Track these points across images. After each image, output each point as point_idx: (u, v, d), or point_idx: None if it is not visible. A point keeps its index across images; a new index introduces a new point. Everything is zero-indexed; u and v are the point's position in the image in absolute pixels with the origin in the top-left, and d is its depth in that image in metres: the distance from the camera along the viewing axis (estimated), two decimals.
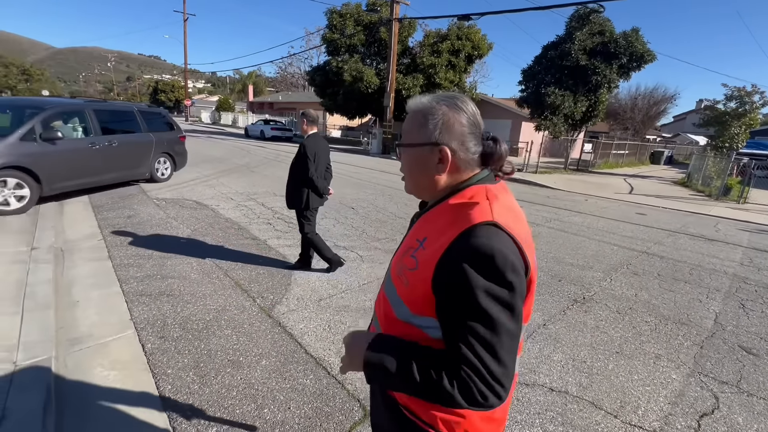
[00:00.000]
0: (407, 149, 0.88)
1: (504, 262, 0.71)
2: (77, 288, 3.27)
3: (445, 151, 0.82)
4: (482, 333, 0.70)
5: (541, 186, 12.05)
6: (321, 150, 3.55)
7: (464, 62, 21.64)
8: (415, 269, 0.80)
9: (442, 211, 0.84)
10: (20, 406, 1.88)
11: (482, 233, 0.73)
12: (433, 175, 0.85)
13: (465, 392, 0.69)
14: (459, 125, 0.82)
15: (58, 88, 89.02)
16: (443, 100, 0.84)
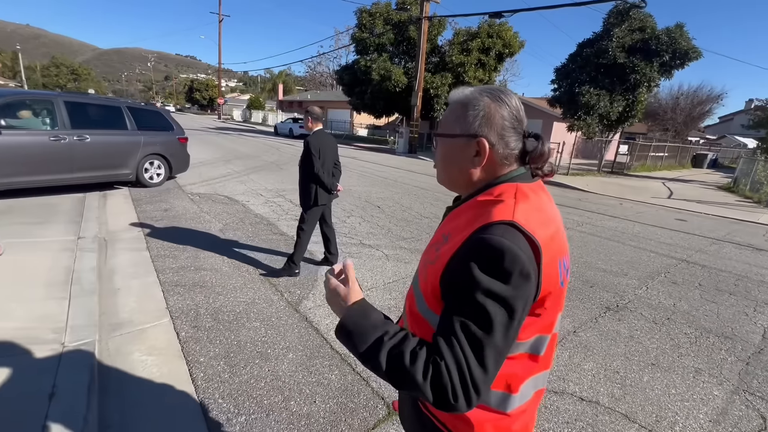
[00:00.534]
0: (444, 140, 0.86)
1: (512, 263, 0.67)
2: (118, 276, 3.46)
3: (483, 143, 0.79)
4: (473, 330, 0.67)
5: (573, 188, 11.65)
6: (327, 146, 3.54)
7: (494, 60, 21.22)
8: (434, 262, 0.78)
9: (469, 207, 0.82)
10: (68, 384, 2.01)
11: (496, 231, 0.69)
12: (468, 168, 0.83)
13: (436, 387, 0.66)
14: (500, 118, 0.79)
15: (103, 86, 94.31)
16: (486, 92, 0.81)
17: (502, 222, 0.71)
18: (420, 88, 18.68)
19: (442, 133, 0.86)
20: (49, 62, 66.71)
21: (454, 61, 20.44)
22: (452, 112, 0.84)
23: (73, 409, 1.85)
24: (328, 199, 3.70)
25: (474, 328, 0.67)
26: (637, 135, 25.65)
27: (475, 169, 0.82)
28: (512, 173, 0.82)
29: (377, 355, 0.70)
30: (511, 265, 0.67)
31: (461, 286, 0.70)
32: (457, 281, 0.71)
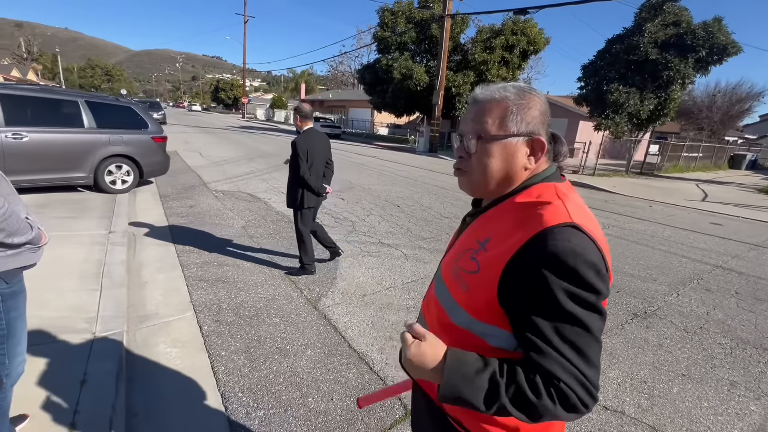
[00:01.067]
0: (493, 142, 0.78)
1: (588, 265, 0.66)
2: (146, 270, 3.58)
3: (542, 142, 0.77)
4: (573, 339, 0.66)
5: (599, 189, 11.28)
6: (316, 146, 3.43)
7: (518, 58, 20.79)
8: (476, 272, 0.75)
9: (507, 210, 0.78)
10: (97, 372, 2.10)
11: (562, 236, 0.67)
12: (519, 170, 0.79)
13: (567, 407, 0.65)
14: (546, 114, 0.79)
15: (134, 87, 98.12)
16: (530, 89, 0.80)
17: (564, 225, 0.68)
18: (442, 86, 18.52)
19: (495, 134, 0.77)
20: (85, 64, 70.01)
21: (477, 59, 20.15)
22: (499, 110, 0.78)
23: (102, 397, 1.92)
24: (317, 201, 3.60)
25: (574, 336, 0.66)
26: (669, 134, 24.56)
27: (528, 170, 0.79)
28: (546, 171, 0.81)
29: (498, 400, 0.65)
30: (588, 269, 0.66)
31: (545, 298, 0.66)
32: (536, 294, 0.67)
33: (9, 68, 41.32)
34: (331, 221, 5.62)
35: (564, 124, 23.43)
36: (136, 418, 1.94)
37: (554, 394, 0.64)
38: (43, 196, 5.45)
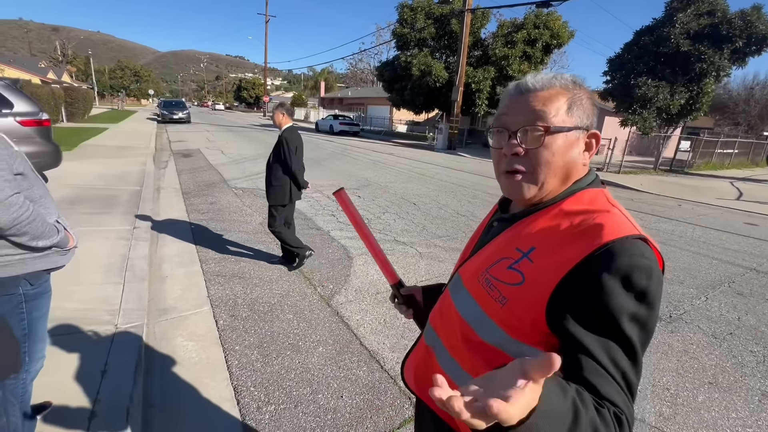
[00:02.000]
0: (556, 134, 0.69)
1: (658, 285, 0.60)
2: (166, 265, 3.69)
3: (599, 135, 0.73)
4: (624, 367, 0.59)
5: (625, 187, 10.88)
6: (300, 144, 3.48)
7: (541, 52, 20.26)
8: (520, 284, 0.66)
9: (555, 217, 0.70)
10: (118, 364, 2.17)
11: (636, 250, 0.60)
12: (578, 165, 0.72)
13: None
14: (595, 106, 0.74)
15: (161, 87, 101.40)
16: (578, 80, 0.74)
17: (635, 237, 0.62)
18: (461, 82, 18.27)
19: (562, 125, 0.69)
20: (115, 65, 72.82)
21: (498, 54, 19.76)
22: (560, 100, 0.70)
23: (121, 387, 1.99)
24: (298, 196, 3.67)
25: (625, 362, 0.59)
26: (702, 130, 23.41)
27: (580, 168, 0.73)
28: (590, 176, 0.75)
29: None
30: (657, 289, 0.60)
31: (609, 319, 0.59)
32: (599, 314, 0.59)
33: (46, 71, 43.46)
34: (346, 219, 5.63)
35: None
36: (153, 408, 2.00)
37: (616, 426, 0.55)
38: (74, 191, 5.70)
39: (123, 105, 46.08)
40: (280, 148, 3.40)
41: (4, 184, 1.20)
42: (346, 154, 14.14)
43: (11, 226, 1.21)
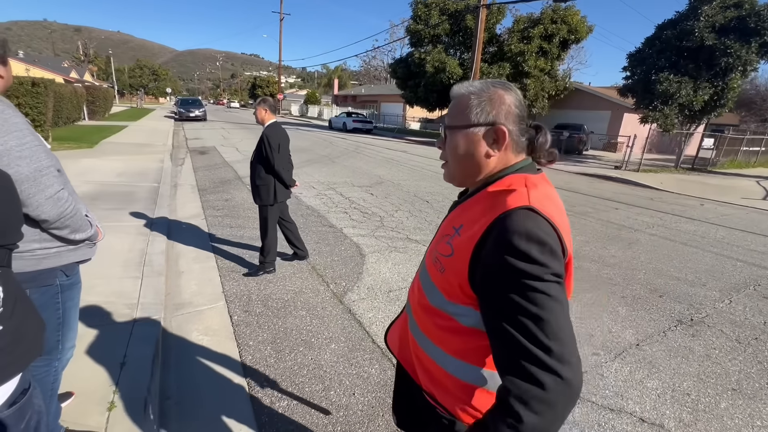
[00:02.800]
0: (458, 132, 0.84)
1: (541, 245, 0.68)
2: (183, 260, 3.76)
3: (503, 130, 0.80)
4: (525, 322, 0.66)
5: (644, 186, 10.60)
6: (284, 141, 3.34)
7: (558, 48, 19.84)
8: (451, 255, 0.80)
9: (480, 198, 0.83)
10: (136, 355, 2.23)
11: (518, 217, 0.71)
12: (484, 158, 0.83)
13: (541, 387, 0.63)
14: (513, 106, 0.82)
15: (178, 85, 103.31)
16: (496, 83, 0.84)
17: (521, 207, 0.72)
18: (475, 79, 18.05)
19: (458, 125, 0.84)
20: (134, 65, 74.46)
21: (513, 50, 19.43)
22: (463, 104, 0.83)
23: (138, 379, 2.04)
24: (287, 195, 3.54)
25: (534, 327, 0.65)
26: (727, 127, 22.58)
27: (492, 158, 0.83)
28: (520, 164, 0.84)
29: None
30: (540, 248, 0.68)
31: (498, 278, 0.69)
32: (491, 274, 0.71)
33: (68, 70, 44.73)
34: (359, 216, 5.64)
35: (606, 117, 22.18)
36: (169, 400, 2.04)
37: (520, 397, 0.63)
38: (95, 188, 5.86)
39: (142, 103, 47.13)
40: (262, 146, 3.27)
41: (53, 179, 1.25)
42: (359, 152, 14.15)
43: (57, 220, 1.27)
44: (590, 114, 22.29)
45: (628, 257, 4.68)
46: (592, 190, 9.49)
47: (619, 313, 3.29)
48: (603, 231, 5.77)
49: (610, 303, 3.46)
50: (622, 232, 5.76)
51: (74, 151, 9.25)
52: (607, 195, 9.00)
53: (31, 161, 1.19)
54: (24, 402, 0.82)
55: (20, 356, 0.79)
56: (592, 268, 4.27)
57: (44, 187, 1.22)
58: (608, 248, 4.97)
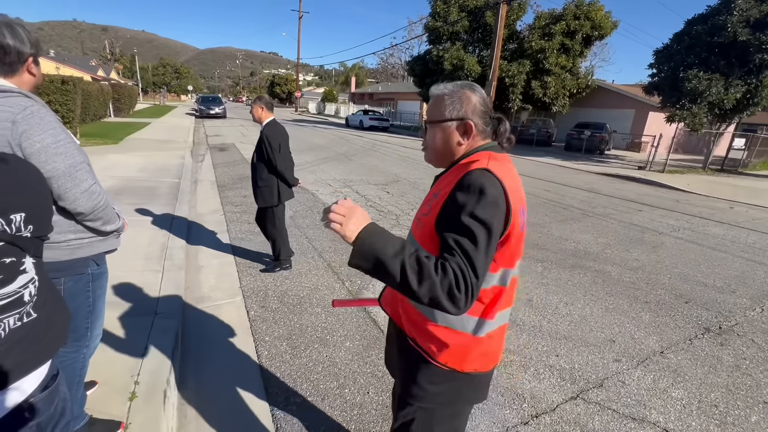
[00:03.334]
0: (435, 126, 1.07)
1: (486, 194, 0.89)
2: (202, 255, 3.84)
3: (470, 123, 1.02)
4: (465, 245, 0.87)
5: (669, 187, 10.24)
6: (284, 139, 3.26)
7: (580, 45, 19.34)
8: (428, 214, 1.02)
9: (453, 170, 1.04)
10: (156, 347, 2.28)
11: (474, 174, 0.92)
12: (456, 145, 1.06)
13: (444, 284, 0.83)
14: (479, 104, 1.03)
15: (199, 83, 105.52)
16: (464, 86, 1.04)
17: (478, 168, 0.94)
18: (494, 77, 17.76)
19: (436, 119, 1.06)
20: (157, 63, 76.43)
21: (534, 47, 19.04)
22: (439, 103, 1.05)
23: (159, 370, 2.09)
24: (290, 194, 3.46)
25: (466, 243, 0.87)
26: (760, 126, 21.59)
27: (462, 145, 1.06)
28: (485, 145, 1.06)
29: (401, 256, 0.84)
30: (485, 196, 0.89)
31: (453, 214, 0.91)
32: (449, 212, 0.92)
33: (96, 68, 46.28)
34: (375, 214, 5.64)
35: (630, 116, 21.51)
36: (187, 391, 2.09)
37: (439, 269, 0.84)
38: (119, 182, 6.03)
39: (164, 101, 48.36)
40: (263, 147, 3.19)
41: (87, 174, 1.31)
42: (376, 150, 14.15)
43: (91, 212, 1.33)
44: (613, 112, 21.68)
45: (652, 261, 4.53)
46: (614, 191, 9.23)
47: (642, 318, 3.19)
48: (625, 233, 5.60)
49: (633, 308, 3.35)
50: (646, 235, 5.58)
51: (100, 147, 9.56)
52: (629, 196, 8.74)
53: (65, 157, 1.24)
54: (54, 387, 0.85)
55: (50, 342, 0.83)
56: (613, 271, 4.15)
57: (79, 182, 1.27)
58: (631, 251, 4.82)
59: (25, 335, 0.76)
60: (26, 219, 0.75)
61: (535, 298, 3.43)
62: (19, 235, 0.73)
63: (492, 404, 2.12)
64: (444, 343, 1.02)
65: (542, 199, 7.63)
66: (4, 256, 0.71)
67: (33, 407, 0.79)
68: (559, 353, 2.63)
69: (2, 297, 0.71)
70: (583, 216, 6.48)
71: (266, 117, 3.21)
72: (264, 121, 3.21)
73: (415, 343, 1.07)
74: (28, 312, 0.77)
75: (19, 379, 0.76)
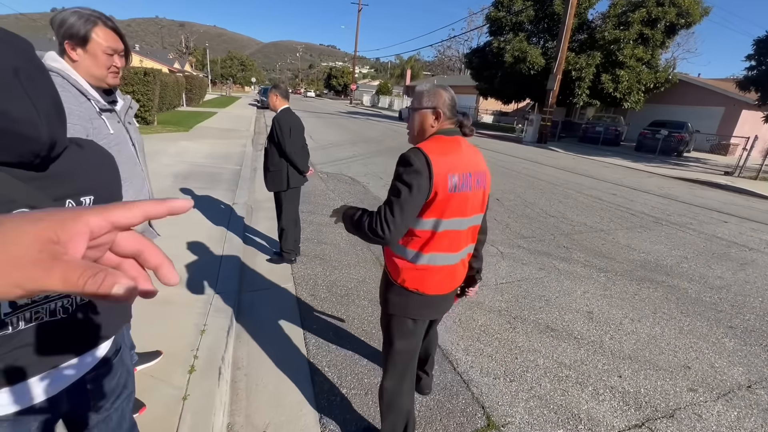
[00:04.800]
0: (416, 112, 1.43)
1: (410, 164, 1.26)
2: (258, 240, 4.01)
3: (439, 111, 1.38)
4: (390, 197, 1.30)
5: (763, 197, 8.97)
6: (296, 126, 3.26)
7: (662, 34, 17.49)
8: None
9: None
10: (214, 325, 2.41)
11: (409, 151, 1.30)
12: (427, 126, 1.41)
13: (369, 224, 1.32)
14: (447, 99, 1.39)
15: (262, 75, 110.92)
16: (438, 86, 1.41)
17: (414, 148, 1.31)
18: (560, 70, 16.68)
19: (417, 107, 1.42)
20: (226, 56, 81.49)
21: (607, 37, 17.56)
22: (421, 96, 1.42)
23: (215, 347, 2.21)
24: (300, 181, 3.43)
25: (390, 195, 1.30)
26: None
27: (433, 127, 1.41)
28: (444, 129, 1.40)
29: (358, 213, 1.40)
30: (410, 166, 1.26)
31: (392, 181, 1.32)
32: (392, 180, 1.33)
33: (172, 61, 50.56)
34: None
35: (718, 114, 19.12)
36: (239, 371, 2.18)
37: (369, 215, 1.35)
38: (188, 168, 6.51)
39: (230, 92, 51.55)
40: (273, 132, 3.26)
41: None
42: None
43: None
44: (696, 110, 19.44)
45: (739, 280, 3.99)
46: (694, 198, 8.27)
47: (725, 345, 2.81)
48: (706, 247, 4.99)
49: (713, 332, 2.97)
50: (732, 250, 4.92)
51: (174, 134, 10.39)
52: (712, 205, 7.78)
53: None
54: (117, 361, 0.89)
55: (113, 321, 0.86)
56: (690, 289, 3.71)
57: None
58: (713, 268, 4.28)
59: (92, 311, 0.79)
60: (95, 202, 0.78)
61: (596, 310, 3.16)
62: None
63: (543, 421, 1.98)
64: (397, 267, 1.42)
65: (607, 202, 7.04)
66: None
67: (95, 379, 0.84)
68: (623, 374, 2.40)
69: None
70: (655, 224, 5.88)
71: (281, 105, 3.28)
72: (279, 109, 3.28)
73: (385, 268, 1.52)
74: None
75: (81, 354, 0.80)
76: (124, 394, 0.93)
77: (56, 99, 0.65)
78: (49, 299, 0.71)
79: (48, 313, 0.71)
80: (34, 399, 0.72)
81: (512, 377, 2.30)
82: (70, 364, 0.77)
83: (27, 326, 0.68)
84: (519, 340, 2.67)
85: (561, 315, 3.04)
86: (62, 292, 0.26)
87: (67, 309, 0.74)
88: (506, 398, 2.12)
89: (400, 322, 1.51)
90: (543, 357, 2.51)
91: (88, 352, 0.80)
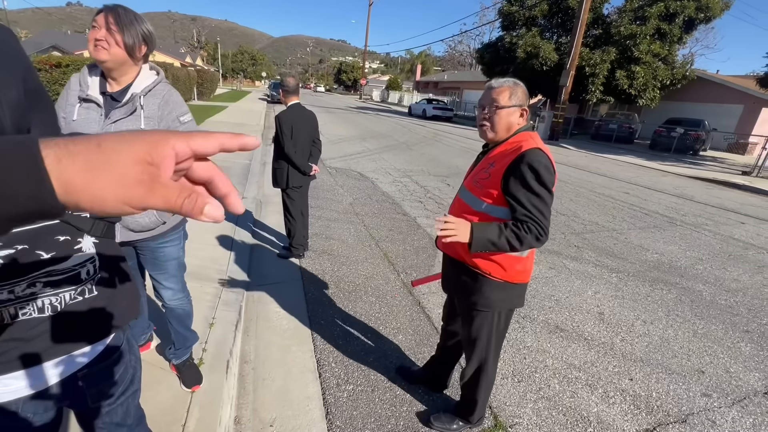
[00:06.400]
0: (504, 109, 1.44)
1: (544, 166, 1.33)
2: (266, 234, 4.03)
3: (527, 110, 1.47)
4: (536, 203, 1.34)
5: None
6: (301, 123, 3.21)
7: (680, 29, 17.01)
8: (488, 178, 1.44)
9: (503, 147, 1.47)
10: (222, 318, 2.43)
11: (533, 153, 1.35)
12: (514, 124, 1.46)
13: (533, 236, 1.33)
14: (528, 96, 1.47)
15: (272, 70, 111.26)
16: (518, 82, 1.46)
17: (533, 148, 1.36)
18: (573, 65, 16.35)
19: (503, 106, 1.44)
20: (236, 51, 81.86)
21: (623, 32, 17.14)
22: (505, 93, 1.44)
23: (223, 340, 2.22)
24: (303, 180, 3.41)
25: (536, 201, 1.34)
26: None
27: (518, 125, 1.47)
28: (525, 126, 1.49)
29: (503, 233, 1.35)
30: (544, 167, 1.33)
31: (524, 182, 1.33)
32: (521, 180, 1.34)
33: (184, 55, 50.98)
34: (434, 206, 5.51)
35: (737, 112, 18.60)
36: (247, 365, 2.20)
37: (528, 231, 1.33)
38: None
39: (241, 86, 51.81)
40: (276, 130, 3.28)
41: None
42: (438, 140, 13.86)
43: None
44: (714, 108, 18.93)
45: (756, 283, 3.89)
46: (710, 198, 8.08)
47: (741, 350, 2.74)
48: (722, 248, 4.87)
49: (729, 336, 2.90)
50: (750, 252, 4.80)
51: None
52: (729, 205, 7.59)
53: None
54: (116, 357, 0.89)
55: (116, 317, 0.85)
56: (705, 291, 3.63)
57: None
58: (729, 270, 4.18)
59: (87, 309, 0.79)
60: None
61: (607, 311, 3.11)
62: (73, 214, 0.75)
63: (551, 422, 1.96)
64: (501, 264, 1.47)
65: (619, 201, 6.91)
66: (58, 234, 0.74)
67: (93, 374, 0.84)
68: (634, 377, 2.36)
69: (57, 273, 0.74)
70: (669, 224, 5.76)
71: (290, 101, 3.25)
72: (288, 104, 3.26)
73: (477, 268, 1.51)
74: (90, 288, 0.80)
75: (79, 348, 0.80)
76: (130, 390, 0.93)
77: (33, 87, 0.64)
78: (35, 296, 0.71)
79: (36, 310, 0.72)
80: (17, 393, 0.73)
81: (520, 377, 2.27)
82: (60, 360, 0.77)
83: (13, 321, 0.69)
84: (528, 340, 2.63)
85: (571, 315, 3.00)
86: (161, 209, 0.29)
87: (55, 308, 0.74)
88: (514, 399, 2.10)
89: (508, 315, 1.62)
90: (552, 358, 2.47)
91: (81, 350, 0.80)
